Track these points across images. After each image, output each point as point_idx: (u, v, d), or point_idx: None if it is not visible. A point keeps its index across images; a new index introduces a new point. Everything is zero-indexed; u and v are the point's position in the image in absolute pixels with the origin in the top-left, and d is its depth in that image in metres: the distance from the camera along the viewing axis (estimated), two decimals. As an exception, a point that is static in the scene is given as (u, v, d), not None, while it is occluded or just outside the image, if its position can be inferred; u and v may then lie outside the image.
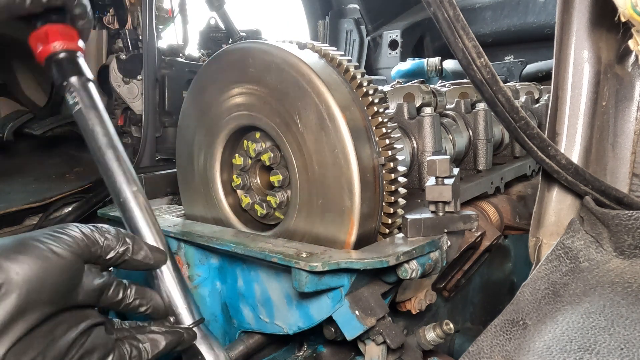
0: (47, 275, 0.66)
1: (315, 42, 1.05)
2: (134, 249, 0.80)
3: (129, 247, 0.79)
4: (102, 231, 0.77)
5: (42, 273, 0.65)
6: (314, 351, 1.16)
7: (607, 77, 0.98)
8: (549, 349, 0.71)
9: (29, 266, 0.65)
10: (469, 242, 1.28)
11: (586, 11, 0.95)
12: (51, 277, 0.67)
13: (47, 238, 0.69)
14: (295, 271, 0.88)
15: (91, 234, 0.75)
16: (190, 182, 1.23)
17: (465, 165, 1.56)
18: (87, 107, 0.92)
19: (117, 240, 0.78)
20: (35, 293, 0.64)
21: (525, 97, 1.98)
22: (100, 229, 0.77)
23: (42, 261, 0.66)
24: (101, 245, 0.76)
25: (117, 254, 0.78)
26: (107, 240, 0.76)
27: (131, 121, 2.39)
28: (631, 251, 0.88)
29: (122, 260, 0.79)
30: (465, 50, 0.80)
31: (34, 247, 0.67)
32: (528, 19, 3.30)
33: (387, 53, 3.78)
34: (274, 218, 1.12)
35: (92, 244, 0.74)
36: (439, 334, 1.11)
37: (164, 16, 2.52)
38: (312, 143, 0.97)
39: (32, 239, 0.68)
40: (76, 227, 0.74)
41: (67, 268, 0.69)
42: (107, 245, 0.76)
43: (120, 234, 0.79)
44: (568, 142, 0.99)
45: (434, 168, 0.96)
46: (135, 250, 0.80)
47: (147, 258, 0.82)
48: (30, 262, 0.65)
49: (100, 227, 0.77)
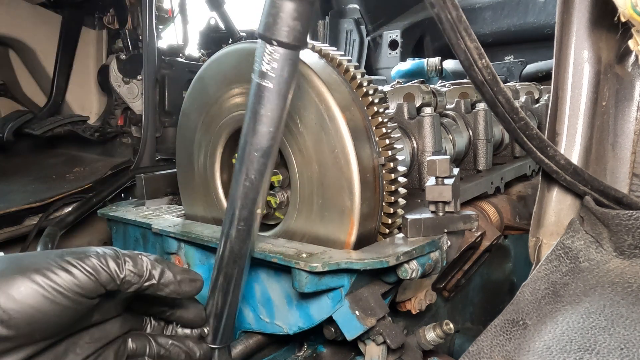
0: (43, 318, 0.60)
1: (315, 42, 1.05)
2: (160, 285, 0.71)
3: (154, 284, 0.70)
4: (122, 264, 0.67)
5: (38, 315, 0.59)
6: (314, 351, 1.16)
7: (607, 77, 0.98)
8: (549, 349, 0.71)
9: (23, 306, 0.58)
10: (469, 242, 1.28)
11: (586, 11, 0.95)
12: (48, 320, 0.60)
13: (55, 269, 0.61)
14: (295, 271, 0.88)
15: (107, 269, 0.65)
16: (190, 182, 1.23)
17: (465, 165, 1.56)
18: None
19: (140, 276, 0.69)
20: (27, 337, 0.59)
21: (525, 97, 1.98)
22: (121, 260, 0.67)
23: (42, 299, 0.59)
24: (117, 283, 0.66)
25: (139, 290, 0.70)
26: (127, 277, 0.67)
27: (131, 121, 2.39)
28: (631, 251, 0.88)
29: (144, 294, 0.71)
30: (467, 52, 0.80)
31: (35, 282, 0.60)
32: (528, 19, 3.30)
33: (387, 53, 3.78)
34: (273, 218, 1.12)
35: (107, 281, 0.65)
36: (439, 334, 1.11)
37: (164, 16, 2.52)
38: (312, 143, 0.97)
39: (37, 269, 0.61)
40: (94, 257, 0.65)
41: (70, 311, 0.62)
42: (126, 282, 0.67)
43: (145, 266, 0.69)
44: (568, 142, 0.99)
45: (434, 168, 0.96)
46: (162, 286, 0.71)
47: (175, 293, 0.73)
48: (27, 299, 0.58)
49: (122, 258, 0.67)
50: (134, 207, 1.41)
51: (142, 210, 1.37)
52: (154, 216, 1.29)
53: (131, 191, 2.12)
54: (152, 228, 1.20)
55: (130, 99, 2.33)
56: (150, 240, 1.27)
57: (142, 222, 1.25)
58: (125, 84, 2.31)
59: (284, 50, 0.70)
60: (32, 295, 0.59)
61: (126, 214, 1.33)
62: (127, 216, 1.31)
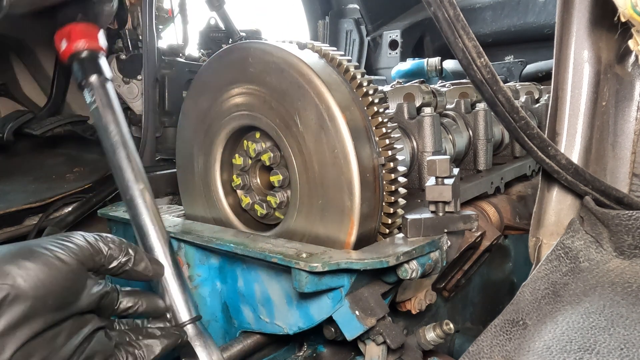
0: (53, 282, 0.67)
1: (315, 42, 1.05)
2: (135, 260, 0.82)
3: (130, 258, 0.81)
4: (106, 241, 0.78)
5: (48, 280, 0.66)
6: (314, 351, 1.16)
7: (607, 77, 0.98)
8: (549, 349, 0.71)
9: (36, 273, 0.65)
10: (469, 242, 1.28)
11: (586, 11, 0.95)
12: (57, 283, 0.67)
13: (53, 245, 0.70)
14: (295, 272, 0.88)
15: (95, 242, 0.76)
16: (190, 182, 1.23)
17: (465, 165, 1.56)
18: (103, 106, 0.95)
19: (120, 251, 0.80)
20: (41, 299, 0.65)
21: (525, 97, 1.98)
22: (105, 238, 0.78)
23: (48, 268, 0.67)
24: (105, 254, 0.77)
25: (119, 264, 0.80)
26: (110, 250, 0.78)
27: (131, 121, 2.39)
28: (631, 251, 0.88)
29: (122, 270, 0.81)
30: (465, 50, 0.80)
31: (40, 254, 0.68)
32: (528, 19, 3.30)
33: (387, 53, 3.78)
34: (274, 218, 1.12)
35: (96, 252, 0.76)
36: (439, 334, 1.11)
37: (164, 16, 2.52)
38: (312, 143, 0.97)
39: (38, 245, 0.69)
40: (81, 236, 0.76)
41: (72, 275, 0.70)
42: (110, 255, 0.78)
43: (123, 244, 0.81)
44: (568, 142, 0.99)
45: (434, 168, 0.96)
46: (137, 262, 0.82)
47: (147, 270, 0.84)
48: (36, 269, 0.66)
49: (105, 237, 0.79)
50: (134, 207, 1.40)
51: (142, 210, 1.37)
52: (154, 216, 1.29)
53: (131, 191, 2.12)
54: (152, 228, 1.20)
55: (130, 99, 2.32)
56: (150, 240, 1.27)
57: (142, 222, 1.25)
58: (125, 84, 2.31)
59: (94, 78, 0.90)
60: (40, 262, 0.67)
61: (126, 214, 1.33)
62: (127, 216, 1.31)
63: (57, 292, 0.68)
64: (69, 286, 0.70)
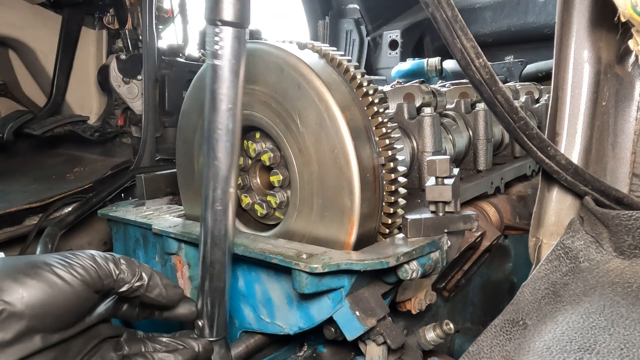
0: (52, 303, 0.65)
1: (315, 42, 1.05)
2: (148, 286, 0.78)
3: (144, 284, 0.77)
4: (118, 262, 0.75)
5: (48, 300, 0.64)
6: (314, 351, 1.16)
7: (607, 77, 0.98)
8: (549, 349, 0.71)
9: (36, 291, 0.63)
10: (469, 242, 1.28)
11: (586, 11, 0.95)
12: (57, 304, 0.65)
13: (59, 264, 0.68)
14: (295, 273, 0.88)
15: (105, 264, 0.73)
16: (190, 182, 1.23)
17: (465, 165, 1.56)
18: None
19: (133, 275, 0.76)
20: (39, 319, 0.63)
21: (525, 97, 1.98)
22: (117, 260, 0.75)
23: (49, 287, 0.65)
24: (114, 278, 0.74)
25: (130, 289, 0.76)
26: (121, 274, 0.74)
27: (131, 121, 2.39)
28: (631, 251, 0.88)
29: (134, 295, 0.77)
30: (463, 51, 0.80)
31: (43, 272, 0.66)
32: (528, 19, 3.30)
33: (387, 53, 3.78)
34: (274, 218, 1.12)
35: (105, 275, 0.72)
36: (439, 334, 1.11)
37: (164, 16, 2.52)
38: (312, 143, 0.97)
39: (43, 262, 0.67)
40: (91, 256, 0.72)
41: (76, 297, 0.67)
42: (120, 279, 0.74)
43: (137, 267, 0.77)
44: (568, 142, 0.99)
45: (434, 168, 0.96)
46: (150, 288, 0.78)
47: (161, 297, 0.80)
48: (37, 287, 0.64)
49: (117, 258, 0.75)
50: (134, 207, 1.41)
51: (142, 210, 1.37)
52: (154, 216, 1.29)
53: (131, 191, 2.12)
54: (152, 228, 1.20)
55: (130, 99, 2.33)
56: (150, 240, 1.27)
57: (143, 223, 1.25)
58: (125, 84, 2.31)
59: (229, 28, 0.76)
60: (42, 280, 0.65)
61: (126, 214, 1.33)
62: (127, 216, 1.31)
63: (57, 313, 0.65)
64: (71, 308, 0.67)
